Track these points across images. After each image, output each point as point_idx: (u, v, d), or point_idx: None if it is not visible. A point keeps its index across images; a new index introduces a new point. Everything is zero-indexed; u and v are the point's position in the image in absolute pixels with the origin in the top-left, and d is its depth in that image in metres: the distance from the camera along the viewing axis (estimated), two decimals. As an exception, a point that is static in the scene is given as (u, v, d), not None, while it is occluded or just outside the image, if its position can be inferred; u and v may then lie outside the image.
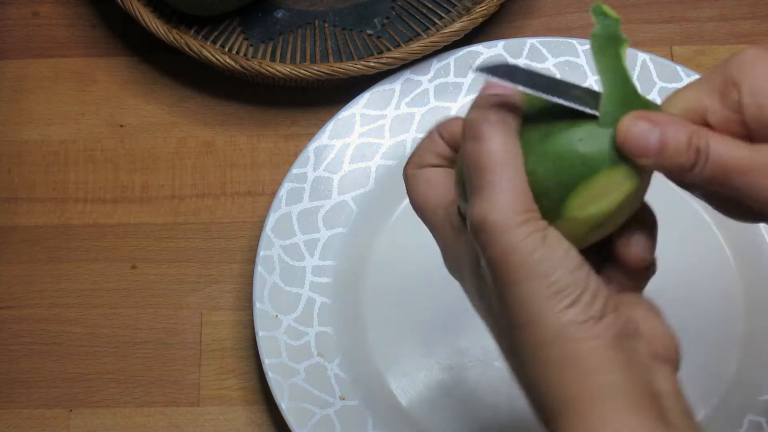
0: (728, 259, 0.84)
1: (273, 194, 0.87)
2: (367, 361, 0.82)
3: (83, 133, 0.91)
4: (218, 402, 0.83)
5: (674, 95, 0.54)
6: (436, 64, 0.88)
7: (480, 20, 0.87)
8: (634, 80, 0.53)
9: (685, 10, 0.94)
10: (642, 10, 0.94)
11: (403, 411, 0.80)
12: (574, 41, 0.89)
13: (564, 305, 0.50)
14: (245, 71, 0.86)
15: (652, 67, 0.88)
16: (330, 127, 0.86)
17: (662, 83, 0.87)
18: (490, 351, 0.81)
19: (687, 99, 0.54)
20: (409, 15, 0.93)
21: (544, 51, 0.89)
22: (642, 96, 0.53)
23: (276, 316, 0.81)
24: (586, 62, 0.88)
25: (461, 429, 0.80)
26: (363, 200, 0.86)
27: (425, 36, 0.91)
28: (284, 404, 0.79)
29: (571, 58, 0.88)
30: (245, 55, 0.91)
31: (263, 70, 0.85)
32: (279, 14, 0.93)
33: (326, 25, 0.93)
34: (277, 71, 0.85)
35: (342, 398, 0.80)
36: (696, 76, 0.83)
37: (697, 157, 0.51)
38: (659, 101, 0.55)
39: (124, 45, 0.94)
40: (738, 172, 0.51)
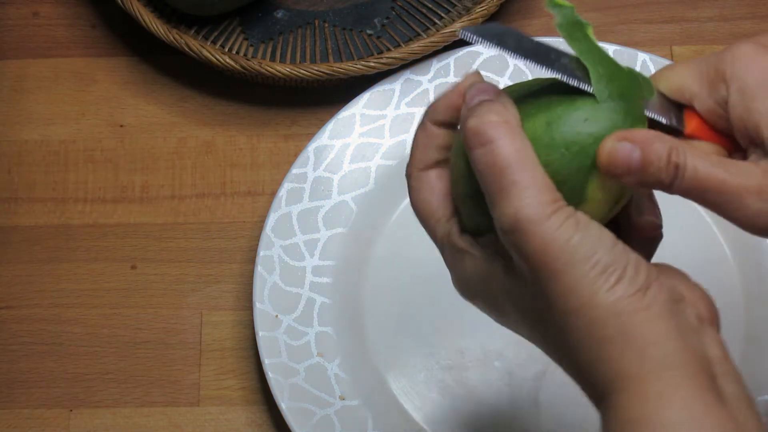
0: (728, 259, 0.84)
1: (273, 194, 0.87)
2: (367, 361, 0.82)
3: (83, 133, 0.91)
4: (218, 402, 0.83)
5: (668, 71, 0.55)
6: (436, 64, 0.88)
7: (480, 20, 0.87)
8: None
9: (685, 10, 0.94)
10: (642, 10, 0.94)
11: (403, 411, 0.80)
12: (574, 41, 0.89)
13: (611, 282, 0.50)
14: (245, 71, 0.86)
15: (653, 67, 0.87)
16: (330, 127, 0.86)
17: (662, 83, 0.87)
18: (490, 351, 0.82)
19: (679, 78, 0.55)
20: (409, 15, 0.93)
21: (544, 51, 0.89)
22: (623, 67, 0.54)
23: (276, 316, 0.81)
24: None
25: (461, 429, 0.80)
26: (363, 200, 0.86)
27: (425, 36, 0.91)
28: (284, 404, 0.79)
29: (571, 58, 0.88)
30: (245, 55, 0.91)
31: (263, 70, 0.85)
32: (279, 14, 0.93)
33: (326, 25, 0.93)
34: (277, 71, 0.85)
35: (342, 398, 0.80)
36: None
37: (676, 173, 0.52)
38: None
39: (124, 45, 0.94)
40: (715, 191, 0.52)
